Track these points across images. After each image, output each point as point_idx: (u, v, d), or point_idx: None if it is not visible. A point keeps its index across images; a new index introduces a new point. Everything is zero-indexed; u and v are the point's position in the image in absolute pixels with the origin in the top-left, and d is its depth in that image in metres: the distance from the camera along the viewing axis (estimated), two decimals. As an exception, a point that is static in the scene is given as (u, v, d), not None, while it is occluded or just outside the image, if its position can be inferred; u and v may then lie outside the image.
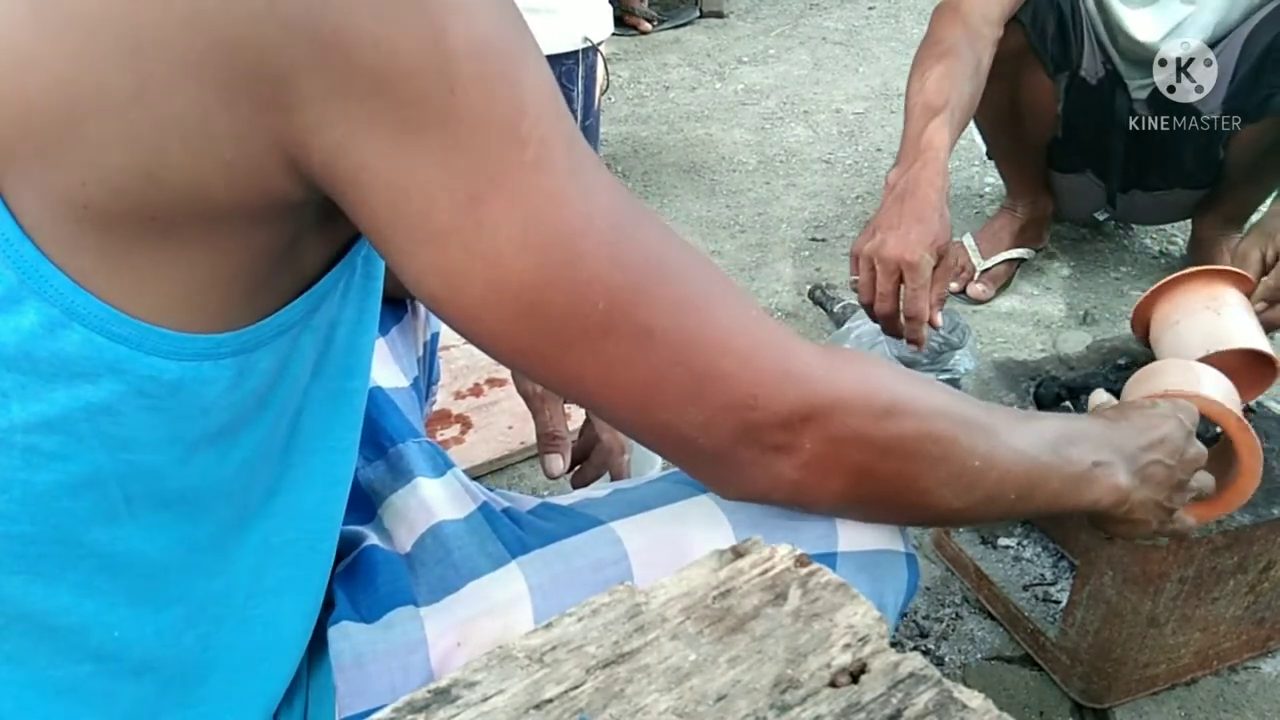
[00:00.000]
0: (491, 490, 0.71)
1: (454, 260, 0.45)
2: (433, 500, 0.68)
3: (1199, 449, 0.72)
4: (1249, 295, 1.13)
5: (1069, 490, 0.64)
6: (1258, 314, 1.12)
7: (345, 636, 0.59)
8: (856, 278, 1.21)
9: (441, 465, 0.72)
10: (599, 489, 0.71)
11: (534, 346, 0.49)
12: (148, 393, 0.45)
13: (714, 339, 0.51)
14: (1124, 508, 0.67)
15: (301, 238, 0.48)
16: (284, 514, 0.55)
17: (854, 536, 0.63)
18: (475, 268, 0.45)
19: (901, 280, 1.15)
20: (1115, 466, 0.66)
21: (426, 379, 0.94)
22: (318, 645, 0.60)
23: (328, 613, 0.61)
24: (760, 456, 0.54)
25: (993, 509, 0.61)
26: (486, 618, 0.59)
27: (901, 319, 1.17)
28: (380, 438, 0.74)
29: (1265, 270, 1.28)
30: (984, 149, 1.91)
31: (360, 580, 0.63)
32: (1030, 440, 0.62)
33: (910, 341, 1.17)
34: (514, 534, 0.64)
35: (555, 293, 0.47)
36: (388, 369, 0.82)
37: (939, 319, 1.18)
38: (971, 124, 1.89)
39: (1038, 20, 1.57)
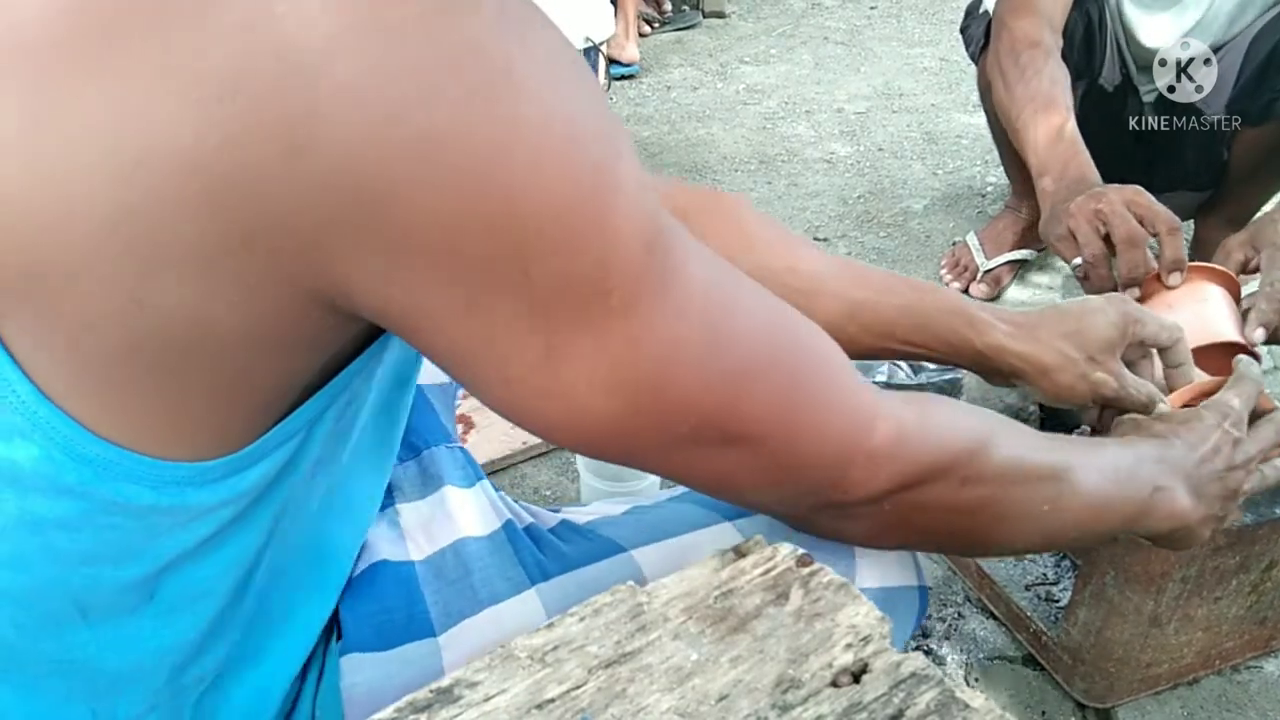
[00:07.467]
0: (516, 503, 0.71)
1: (529, 401, 0.42)
2: (459, 513, 0.67)
3: (1245, 450, 0.71)
4: (1233, 293, 1.13)
5: (1126, 523, 0.64)
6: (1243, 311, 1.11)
7: (358, 669, 0.57)
8: (1078, 261, 1.17)
9: (472, 475, 0.71)
10: (616, 505, 0.70)
11: (611, 456, 0.47)
12: (114, 513, 0.40)
13: (804, 431, 0.48)
14: (1181, 531, 0.66)
15: (321, 342, 0.42)
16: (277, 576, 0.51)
17: (873, 572, 0.63)
18: (552, 406, 0.42)
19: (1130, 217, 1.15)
20: (1175, 491, 0.65)
21: None
22: (320, 661, 0.59)
23: (330, 634, 0.59)
24: (835, 521, 0.54)
25: (1049, 545, 0.62)
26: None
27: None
28: (413, 436, 0.72)
29: (1240, 271, 1.28)
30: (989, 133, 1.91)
31: (371, 602, 0.61)
32: (1095, 479, 0.61)
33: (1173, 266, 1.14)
34: (534, 557, 0.63)
35: (640, 420, 0.43)
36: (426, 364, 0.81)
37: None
38: (982, 117, 1.89)
39: (1067, 28, 1.57)
